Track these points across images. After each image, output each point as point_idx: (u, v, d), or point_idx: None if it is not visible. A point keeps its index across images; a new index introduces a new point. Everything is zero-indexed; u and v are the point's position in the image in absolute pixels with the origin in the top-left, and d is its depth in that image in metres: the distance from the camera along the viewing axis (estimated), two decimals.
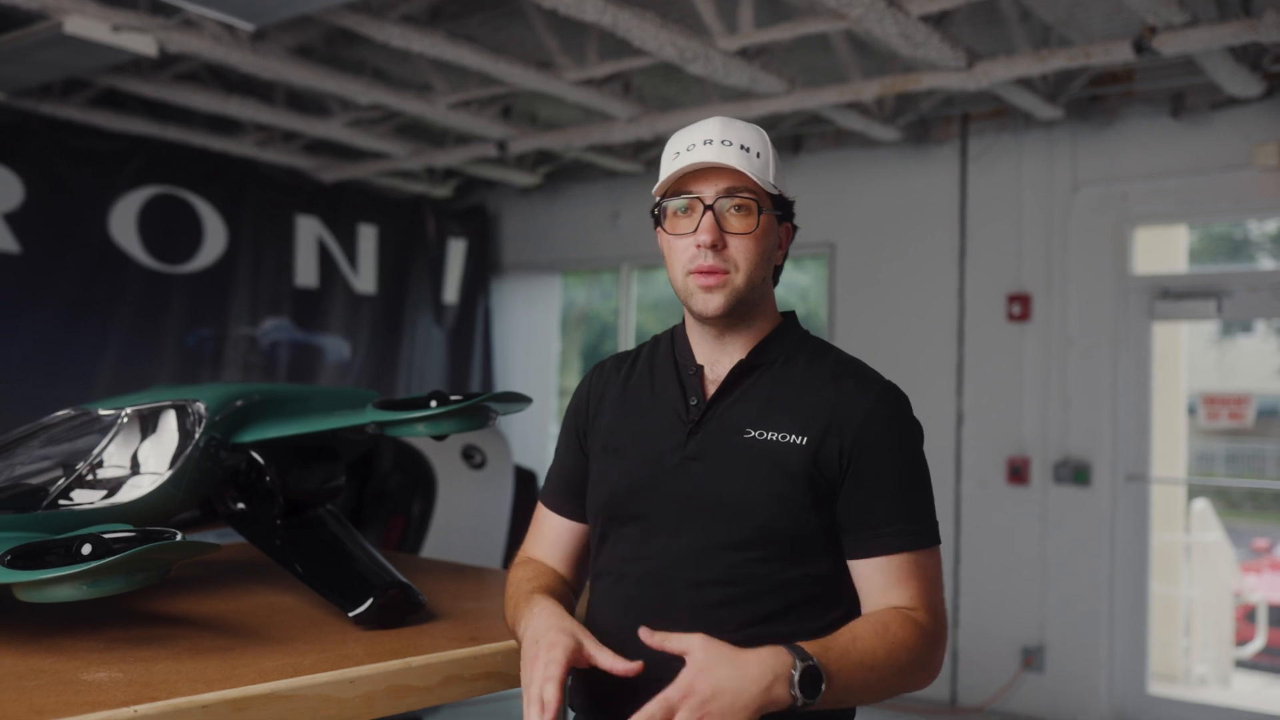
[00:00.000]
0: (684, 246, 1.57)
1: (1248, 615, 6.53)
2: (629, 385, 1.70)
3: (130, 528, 1.52)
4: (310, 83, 5.04)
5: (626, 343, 7.51)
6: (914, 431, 1.59)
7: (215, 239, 6.48)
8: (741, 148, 1.55)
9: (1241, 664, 6.38)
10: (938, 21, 4.17)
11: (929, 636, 1.49)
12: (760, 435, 1.54)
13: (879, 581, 1.52)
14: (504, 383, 7.89)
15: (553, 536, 1.75)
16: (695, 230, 1.55)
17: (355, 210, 7.25)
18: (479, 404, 1.84)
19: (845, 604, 1.55)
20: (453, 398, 1.85)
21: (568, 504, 1.73)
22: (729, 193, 1.55)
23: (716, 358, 1.64)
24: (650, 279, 7.87)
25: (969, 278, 5.95)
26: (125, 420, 1.82)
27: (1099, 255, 5.60)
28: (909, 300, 6.10)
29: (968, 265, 5.95)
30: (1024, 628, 5.69)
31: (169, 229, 6.27)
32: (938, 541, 1.56)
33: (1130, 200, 5.52)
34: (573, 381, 8.49)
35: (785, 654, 1.34)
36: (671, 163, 1.58)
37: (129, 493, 1.76)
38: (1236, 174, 5.23)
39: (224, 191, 6.52)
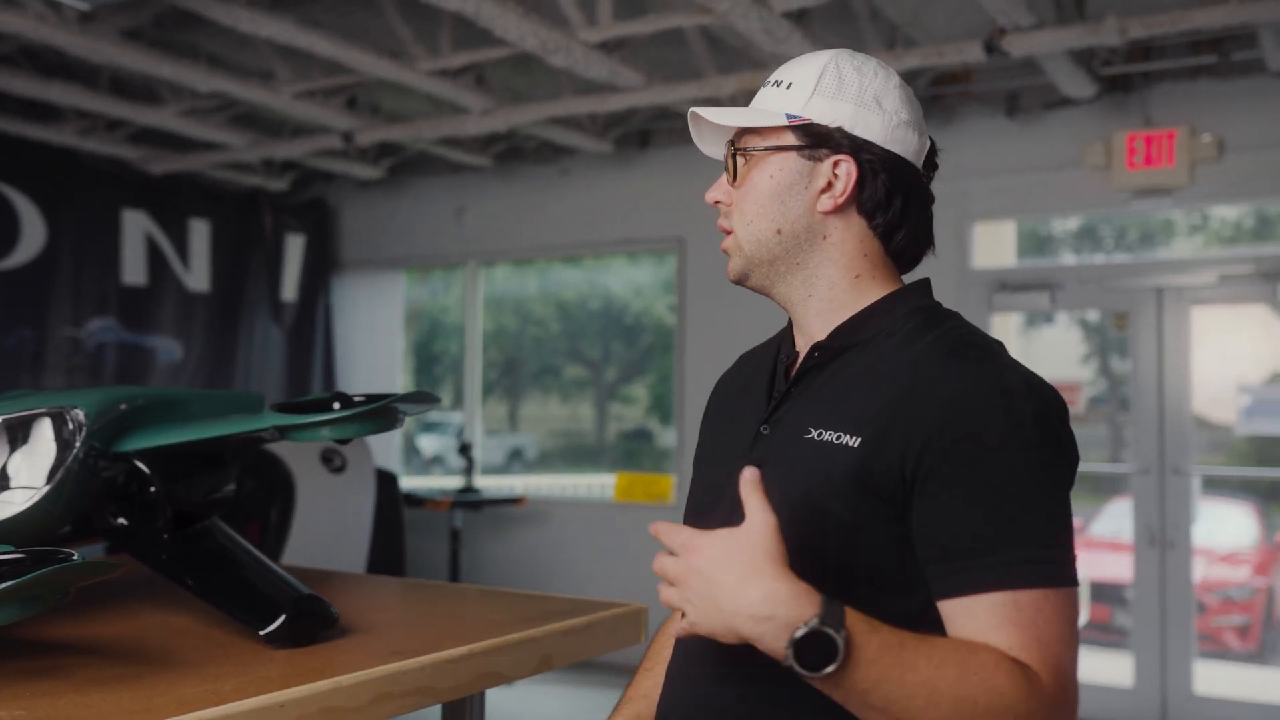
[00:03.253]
0: None
1: None
2: (734, 383, 1.48)
3: (13, 549, 1.38)
4: (144, 68, 4.76)
5: (473, 341, 7.38)
6: (1023, 430, 1.15)
7: (33, 234, 6.06)
8: (775, 83, 1.34)
9: None
10: (799, 18, 4.23)
11: (1038, 695, 1.07)
12: (819, 436, 1.21)
13: (962, 630, 1.11)
14: (346, 382, 7.66)
15: None
16: None
17: (186, 204, 6.91)
18: (387, 405, 1.75)
19: None
20: (355, 399, 1.75)
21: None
22: (727, 142, 1.38)
23: (805, 342, 1.35)
24: (489, 276, 7.75)
25: None
26: None
27: (942, 250, 5.74)
28: (759, 297, 6.18)
29: None
30: None
31: None
32: (1060, 583, 1.11)
33: (970, 197, 5.73)
34: (409, 380, 8.30)
35: (809, 603, 1.02)
36: None
37: (1, 510, 1.60)
38: (1068, 172, 5.49)
39: (42, 183, 6.11)
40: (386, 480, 4.42)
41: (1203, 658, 5.59)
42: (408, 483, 7.67)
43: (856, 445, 1.18)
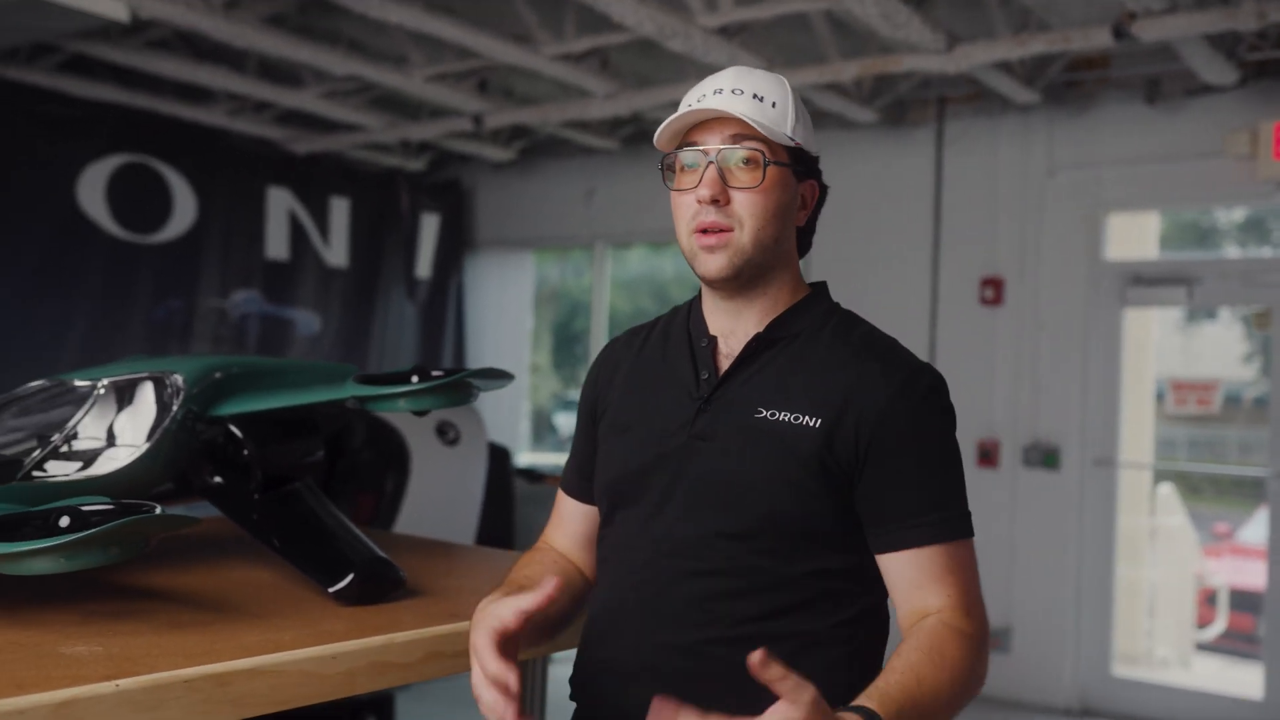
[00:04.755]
0: (687, 203, 1.45)
1: (1209, 599, 6.62)
2: (640, 359, 1.59)
3: (108, 500, 1.49)
4: (285, 52, 4.97)
5: (599, 322, 7.50)
6: (945, 415, 1.45)
7: (185, 209, 6.40)
8: (754, 96, 1.43)
9: (1202, 646, 6.47)
10: (919, 3, 4.17)
11: (976, 645, 1.36)
12: (772, 416, 1.41)
13: (911, 577, 1.39)
14: (476, 359, 7.87)
15: (569, 522, 1.67)
16: (698, 185, 1.43)
17: (327, 183, 7.19)
18: (461, 380, 1.82)
19: (864, 601, 1.43)
20: (434, 373, 1.83)
21: (582, 488, 1.64)
22: (735, 141, 1.42)
23: (732, 329, 1.50)
24: (623, 257, 7.86)
25: (943, 261, 5.97)
26: (101, 392, 1.79)
27: (1072, 240, 5.63)
28: (882, 283, 6.12)
29: (942, 248, 5.97)
30: (990, 610, 5.72)
31: (138, 198, 6.19)
32: (972, 533, 1.42)
33: (1104, 185, 5.55)
34: (543, 359, 8.48)
35: None
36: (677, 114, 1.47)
37: (105, 465, 1.73)
38: (1209, 162, 5.26)
39: (194, 161, 6.43)
40: (499, 454, 4.55)
41: None
42: (531, 458, 7.84)
43: (817, 426, 1.39)
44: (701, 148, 1.44)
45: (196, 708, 1.24)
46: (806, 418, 1.40)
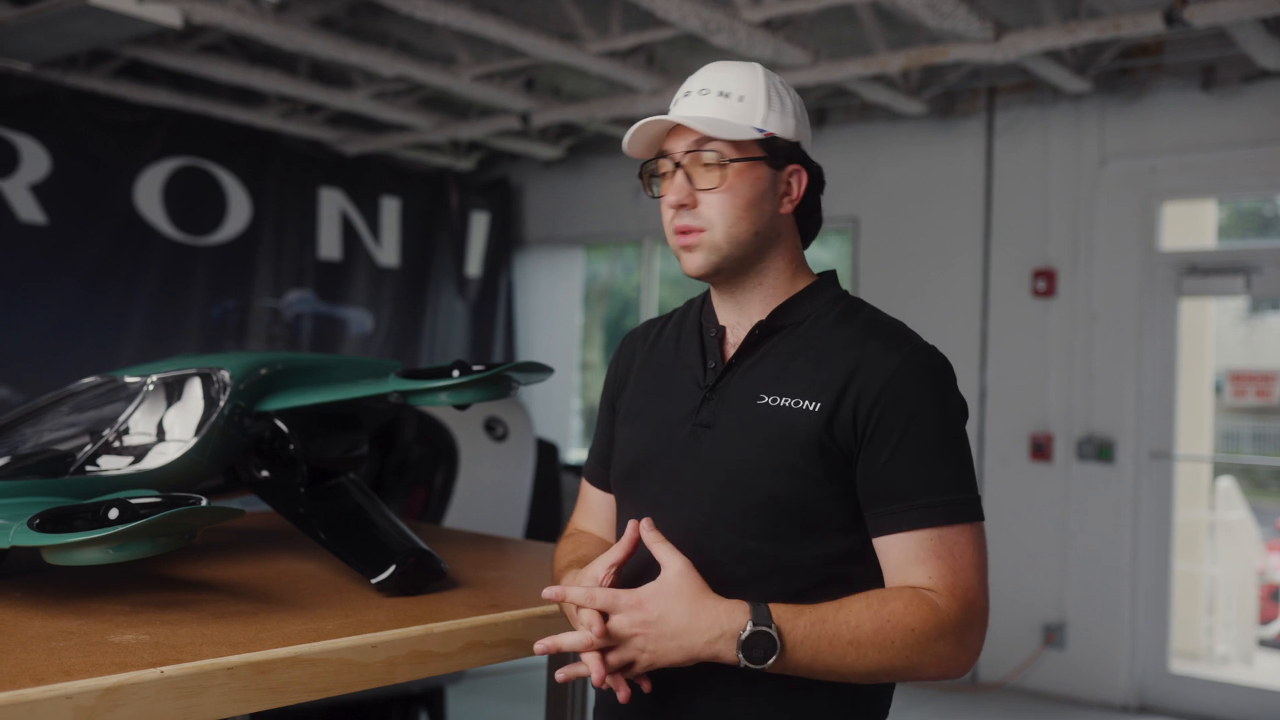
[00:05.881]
0: (666, 208, 1.50)
1: (1272, 595, 6.49)
2: (654, 350, 1.63)
3: (156, 493, 1.53)
4: (334, 54, 5.04)
5: (649, 317, 7.50)
6: (947, 398, 1.43)
7: (239, 211, 6.51)
8: (720, 94, 1.47)
9: (1265, 643, 6.35)
10: None
11: (945, 622, 1.32)
12: (773, 401, 1.43)
13: (896, 561, 1.37)
14: (526, 356, 7.91)
15: (595, 510, 1.71)
16: (670, 191, 1.49)
17: (378, 183, 7.27)
18: (501, 373, 1.84)
19: (870, 587, 1.40)
20: (475, 367, 1.85)
21: (602, 476, 1.68)
22: (696, 145, 1.46)
23: (738, 319, 1.53)
24: (673, 254, 7.84)
25: (994, 253, 5.91)
26: (151, 388, 1.83)
27: (1126, 230, 5.55)
28: (933, 275, 6.07)
29: (993, 240, 5.91)
30: (1046, 605, 5.68)
31: (194, 200, 6.31)
32: (972, 518, 1.38)
33: (1158, 175, 5.47)
34: (594, 355, 8.50)
35: (742, 613, 1.28)
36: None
37: (155, 459, 1.77)
38: (1268, 148, 5.16)
39: (248, 163, 6.54)
40: (547, 450, 4.56)
41: None
42: (582, 455, 7.87)
43: (816, 410, 1.40)
44: (669, 154, 1.50)
45: (237, 694, 1.27)
46: (807, 402, 1.41)
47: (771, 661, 1.27)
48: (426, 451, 4.05)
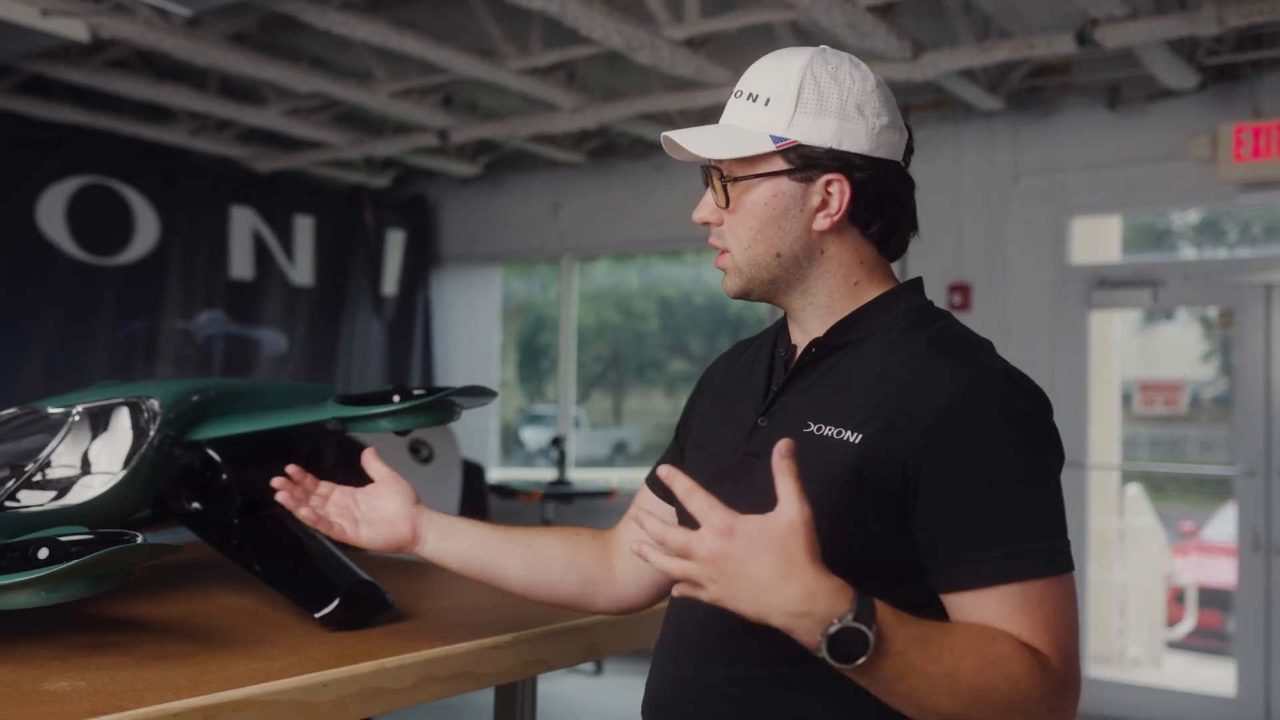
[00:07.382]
0: None
1: (1177, 597, 6.68)
2: (730, 372, 1.47)
3: (86, 530, 1.46)
4: (247, 70, 4.93)
5: (566, 336, 7.47)
6: (1025, 427, 1.19)
7: (147, 230, 6.33)
8: (750, 96, 1.30)
9: (1173, 645, 6.52)
10: (884, 12, 4.19)
11: (1050, 680, 1.11)
12: (819, 430, 1.23)
13: (976, 619, 1.15)
14: (444, 376, 7.82)
15: (637, 508, 1.45)
16: None
17: (291, 201, 7.13)
18: (444, 398, 1.80)
19: None
20: (415, 391, 1.81)
21: (662, 487, 1.47)
22: (715, 168, 1.32)
23: (802, 338, 1.35)
24: (589, 271, 7.83)
25: (910, 268, 5.98)
26: (76, 418, 1.75)
27: (1038, 245, 5.67)
28: None
29: (909, 255, 5.96)
30: None
31: (99, 220, 6.12)
32: (1062, 570, 1.16)
33: (1069, 190, 5.61)
34: (510, 373, 8.44)
35: (844, 600, 1.04)
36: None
37: (80, 494, 1.70)
38: (1171, 165, 5.33)
39: (156, 181, 6.36)
40: (473, 471, 4.51)
41: None
42: (502, 474, 7.80)
43: (857, 442, 1.21)
44: (704, 168, 1.35)
45: None
46: (849, 432, 1.21)
47: (858, 664, 1.04)
48: (349, 476, 3.96)
